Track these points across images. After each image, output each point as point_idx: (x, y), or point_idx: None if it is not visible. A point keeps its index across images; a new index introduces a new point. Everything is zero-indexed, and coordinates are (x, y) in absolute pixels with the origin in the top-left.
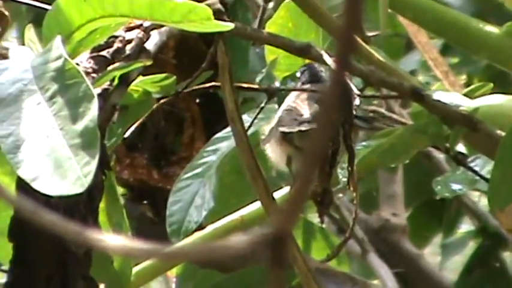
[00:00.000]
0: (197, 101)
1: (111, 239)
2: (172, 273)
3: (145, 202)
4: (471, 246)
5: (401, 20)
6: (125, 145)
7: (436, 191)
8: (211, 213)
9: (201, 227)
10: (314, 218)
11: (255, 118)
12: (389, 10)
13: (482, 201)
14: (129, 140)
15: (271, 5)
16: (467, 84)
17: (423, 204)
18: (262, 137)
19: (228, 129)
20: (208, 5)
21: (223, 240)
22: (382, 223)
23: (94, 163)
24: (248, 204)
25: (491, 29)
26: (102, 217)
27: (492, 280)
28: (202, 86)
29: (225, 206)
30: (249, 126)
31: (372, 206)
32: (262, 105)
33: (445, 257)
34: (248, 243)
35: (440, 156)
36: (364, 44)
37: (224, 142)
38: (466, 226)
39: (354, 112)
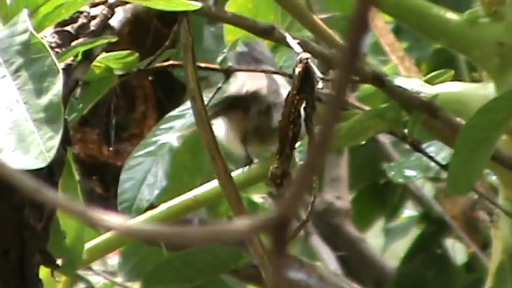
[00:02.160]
0: (150, 78)
1: (114, 219)
2: None
3: (94, 177)
4: (414, 232)
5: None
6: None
7: (389, 177)
8: (163, 191)
9: (152, 206)
10: (258, 198)
11: (212, 97)
12: None
13: (426, 187)
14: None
15: None
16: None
17: (367, 188)
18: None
19: (182, 107)
20: None
21: (224, 224)
22: (326, 206)
23: (57, 138)
24: (201, 184)
25: (452, 16)
26: None
27: (434, 266)
28: (162, 64)
29: (177, 184)
30: (207, 105)
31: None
32: (220, 85)
33: (388, 242)
34: (250, 227)
35: (385, 140)
36: (325, 26)
37: (177, 120)
38: (409, 211)
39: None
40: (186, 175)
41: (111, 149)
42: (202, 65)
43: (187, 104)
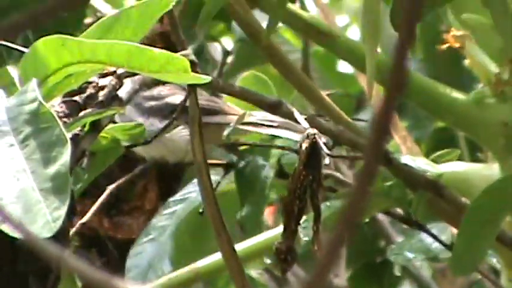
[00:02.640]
0: None
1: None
2: None
3: (94, 250)
4: None
5: (361, 81)
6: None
7: (390, 259)
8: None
9: None
10: (255, 274)
11: (220, 180)
12: (352, 70)
13: (424, 266)
14: None
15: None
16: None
17: (364, 266)
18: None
19: (184, 191)
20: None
21: None
22: None
23: (64, 208)
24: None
25: (458, 95)
26: None
27: None
28: None
29: (183, 266)
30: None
31: (312, 265)
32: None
33: None
34: None
35: (384, 219)
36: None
37: (179, 205)
38: None
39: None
40: (191, 256)
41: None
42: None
43: (189, 187)
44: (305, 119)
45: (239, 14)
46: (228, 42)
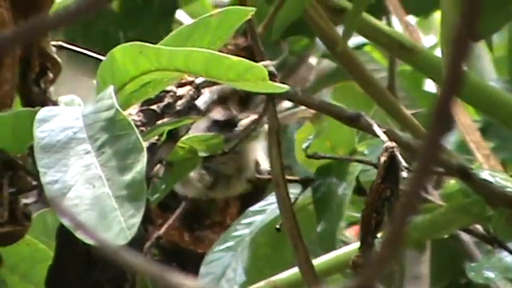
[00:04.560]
0: None
1: (192, 283)
2: None
3: (174, 264)
4: None
5: None
6: (158, 205)
7: (470, 277)
8: (242, 286)
9: None
10: None
11: (301, 193)
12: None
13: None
14: (163, 200)
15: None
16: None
17: (448, 287)
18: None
19: (263, 202)
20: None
21: None
22: None
23: (139, 216)
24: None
25: None
26: None
27: None
28: None
29: (258, 277)
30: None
31: (396, 285)
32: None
33: None
34: None
35: (468, 239)
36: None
37: (258, 215)
38: None
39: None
40: (267, 268)
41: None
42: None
43: (268, 199)
44: (384, 132)
45: (319, 27)
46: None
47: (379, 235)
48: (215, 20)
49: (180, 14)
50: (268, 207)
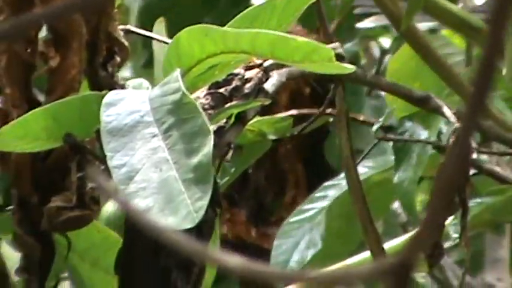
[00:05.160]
0: (302, 163)
1: (234, 259)
2: None
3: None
4: None
5: None
6: (226, 199)
7: None
8: (314, 257)
9: None
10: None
11: (362, 158)
12: None
13: None
14: (231, 194)
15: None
16: None
17: None
18: None
19: (338, 177)
20: None
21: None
22: None
23: (206, 199)
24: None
25: None
26: None
27: None
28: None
29: (330, 253)
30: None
31: (476, 268)
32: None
33: None
34: (372, 270)
35: None
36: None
37: (332, 189)
38: None
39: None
40: (340, 244)
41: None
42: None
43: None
44: (454, 113)
45: (386, 6)
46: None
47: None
48: (281, 2)
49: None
50: (342, 182)
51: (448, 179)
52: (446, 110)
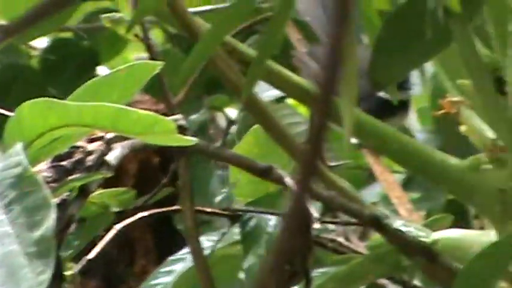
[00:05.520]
0: (151, 232)
1: None
2: None
3: None
4: None
5: (365, 155)
6: (80, 273)
7: None
8: None
9: None
10: None
11: (218, 242)
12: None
13: None
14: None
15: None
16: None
17: None
18: None
19: (184, 250)
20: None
21: None
22: None
23: (48, 272)
24: None
25: (454, 161)
26: None
27: None
28: (163, 209)
29: None
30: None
31: None
32: (224, 230)
33: None
34: None
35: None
36: (325, 170)
37: (179, 263)
38: None
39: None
40: None
41: None
42: (204, 209)
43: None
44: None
45: (230, 79)
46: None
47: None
48: (123, 74)
49: (102, 70)
50: (188, 255)
51: (286, 249)
52: (288, 180)
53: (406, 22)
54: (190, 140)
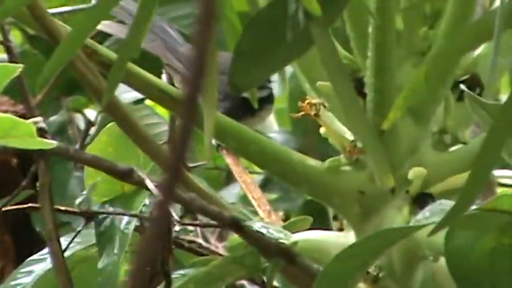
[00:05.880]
0: (9, 233)
1: None
2: None
3: None
4: None
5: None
6: None
7: None
8: None
9: None
10: None
11: (71, 241)
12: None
13: None
14: None
15: (93, 130)
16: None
17: None
18: None
19: (44, 251)
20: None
21: None
22: None
23: None
24: None
25: (314, 163)
26: None
27: None
28: (20, 206)
29: None
30: (65, 249)
31: None
32: (79, 228)
33: None
34: None
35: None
36: (185, 172)
37: (39, 264)
38: None
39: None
40: None
41: None
42: (63, 208)
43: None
44: (155, 186)
45: (90, 82)
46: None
47: None
48: None
49: None
50: (48, 256)
51: (149, 251)
52: (149, 183)
53: (267, 26)
54: (50, 143)
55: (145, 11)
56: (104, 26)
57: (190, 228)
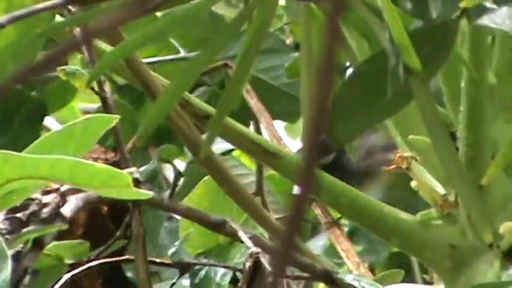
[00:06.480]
0: (101, 280)
1: None
2: None
3: None
4: None
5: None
6: None
7: None
8: None
9: None
10: None
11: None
12: None
13: None
14: None
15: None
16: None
17: None
18: None
19: None
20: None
21: None
22: None
23: None
24: None
25: (405, 216)
26: None
27: None
28: (116, 259)
29: None
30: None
31: None
32: (175, 280)
33: None
34: None
35: None
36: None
37: None
38: None
39: None
40: None
41: None
42: (157, 260)
43: None
44: (249, 238)
45: (184, 133)
46: (182, 164)
47: None
48: (79, 127)
49: (49, 121)
50: None
51: None
52: (242, 235)
53: (367, 80)
54: (146, 194)
55: (244, 63)
56: None
57: None
